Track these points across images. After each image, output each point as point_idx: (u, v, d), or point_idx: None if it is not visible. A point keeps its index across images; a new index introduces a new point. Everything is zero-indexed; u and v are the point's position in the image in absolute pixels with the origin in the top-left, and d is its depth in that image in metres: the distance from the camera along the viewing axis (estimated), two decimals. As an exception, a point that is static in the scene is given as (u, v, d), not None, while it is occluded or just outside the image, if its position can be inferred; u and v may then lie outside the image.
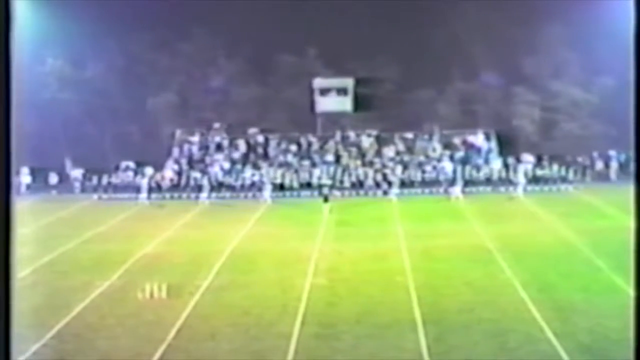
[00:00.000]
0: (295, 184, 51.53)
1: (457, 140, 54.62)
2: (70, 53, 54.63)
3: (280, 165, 53.41)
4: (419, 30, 52.42)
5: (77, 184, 53.07)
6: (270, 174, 51.75)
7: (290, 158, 54.22)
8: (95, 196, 50.87)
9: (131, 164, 53.94)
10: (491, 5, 52.10)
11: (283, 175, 51.96)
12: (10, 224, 5.45)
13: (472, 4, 52.25)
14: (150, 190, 50.40)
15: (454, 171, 51.14)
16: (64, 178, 53.99)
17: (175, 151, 55.32)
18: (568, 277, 27.70)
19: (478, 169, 51.96)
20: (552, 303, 24.25)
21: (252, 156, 54.62)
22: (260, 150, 55.26)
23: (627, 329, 7.48)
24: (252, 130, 56.16)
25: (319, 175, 51.86)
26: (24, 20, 36.37)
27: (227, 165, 53.72)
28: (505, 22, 52.19)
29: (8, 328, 5.45)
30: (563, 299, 24.82)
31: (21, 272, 27.77)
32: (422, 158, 53.39)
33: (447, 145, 54.37)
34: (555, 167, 51.54)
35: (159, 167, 53.22)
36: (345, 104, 55.79)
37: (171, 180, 52.08)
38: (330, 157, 53.96)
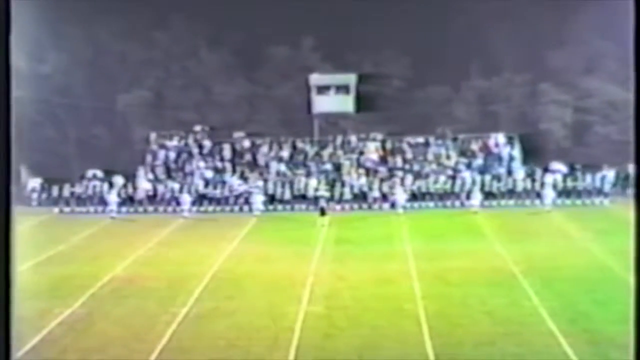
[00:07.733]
0: (288, 196, 51.51)
1: (475, 146, 54.64)
2: (26, 43, 54.44)
3: (271, 174, 53.37)
4: (432, 18, 52.44)
5: (35, 196, 52.92)
6: (259, 184, 51.78)
7: (282, 166, 54.18)
8: (55, 209, 50.83)
9: (98, 173, 53.81)
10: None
11: (274, 186, 51.96)
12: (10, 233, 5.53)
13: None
14: (120, 203, 50.42)
15: (472, 182, 51.15)
16: (19, 189, 53.83)
17: (150, 158, 55.28)
18: (605, 305, 27.59)
19: (499, 179, 51.95)
20: (586, 336, 24.16)
21: (238, 164, 54.56)
22: (247, 156, 55.21)
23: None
24: (239, 134, 56.16)
25: (316, 185, 51.83)
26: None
27: (209, 174, 53.67)
28: (531, 8, 52.24)
29: (8, 333, 5.52)
30: (599, 331, 24.71)
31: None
32: (434, 166, 53.38)
33: (464, 152, 54.40)
34: (589, 177, 51.48)
35: (130, 176, 53.12)
36: (346, 103, 55.77)
37: (145, 191, 51.96)
38: (328, 165, 53.96)
